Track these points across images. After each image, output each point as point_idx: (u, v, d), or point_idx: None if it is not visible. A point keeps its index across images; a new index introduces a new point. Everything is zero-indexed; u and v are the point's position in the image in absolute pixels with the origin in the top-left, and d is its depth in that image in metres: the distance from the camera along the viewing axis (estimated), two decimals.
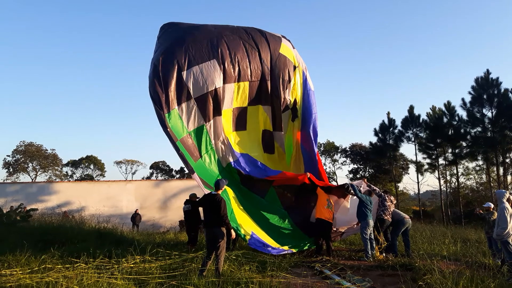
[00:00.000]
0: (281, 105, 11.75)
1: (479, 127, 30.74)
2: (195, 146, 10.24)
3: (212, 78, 10.19)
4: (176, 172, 70.19)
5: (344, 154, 51.51)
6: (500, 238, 8.31)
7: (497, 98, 29.20)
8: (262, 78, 11.29)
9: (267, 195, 11.32)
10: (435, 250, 10.45)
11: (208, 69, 10.17)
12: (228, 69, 10.51)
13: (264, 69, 11.26)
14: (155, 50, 10.73)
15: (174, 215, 25.20)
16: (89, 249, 8.69)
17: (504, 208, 8.32)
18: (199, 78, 10.02)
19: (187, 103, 9.97)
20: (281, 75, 11.56)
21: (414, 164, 36.49)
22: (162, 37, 11.05)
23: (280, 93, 11.58)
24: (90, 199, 25.09)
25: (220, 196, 7.48)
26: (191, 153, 9.95)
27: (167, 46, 10.20)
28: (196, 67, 10.01)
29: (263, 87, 11.37)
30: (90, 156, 67.53)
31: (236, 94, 10.96)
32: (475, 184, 34.85)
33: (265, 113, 11.69)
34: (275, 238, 10.07)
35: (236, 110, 11.25)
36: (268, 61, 11.37)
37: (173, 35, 10.72)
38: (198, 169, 9.93)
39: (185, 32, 10.76)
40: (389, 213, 10.46)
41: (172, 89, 9.65)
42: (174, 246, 10.45)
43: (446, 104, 33.07)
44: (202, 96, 10.15)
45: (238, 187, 11.04)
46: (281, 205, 11.31)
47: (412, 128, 35.47)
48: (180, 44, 10.19)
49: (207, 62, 10.18)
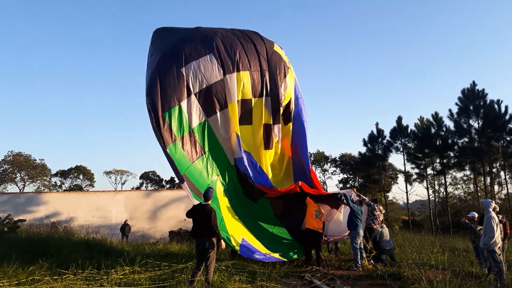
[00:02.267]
0: (280, 99, 11.45)
1: (466, 137, 31.20)
2: (197, 143, 10.09)
3: (210, 72, 10.12)
4: (166, 182, 69.73)
5: (334, 164, 51.72)
6: (487, 247, 8.41)
7: (483, 109, 29.73)
8: (261, 68, 11.06)
9: (260, 201, 11.30)
10: (423, 260, 10.55)
11: (206, 63, 10.13)
12: (225, 60, 10.40)
13: (261, 60, 11.08)
14: (149, 55, 10.78)
15: (164, 225, 25.03)
16: (77, 260, 8.62)
17: (491, 217, 8.44)
18: (197, 73, 9.98)
19: (188, 99, 9.85)
20: (277, 68, 11.36)
21: (402, 174, 36.83)
22: (156, 41, 11.06)
23: (278, 85, 11.35)
24: (79, 209, 24.81)
25: (210, 206, 7.48)
26: (189, 154, 9.83)
27: (164, 50, 10.20)
28: (193, 62, 10.00)
29: (264, 77, 11.13)
30: (80, 166, 66.82)
31: (239, 85, 10.67)
32: (463, 193, 35.21)
33: (266, 105, 11.34)
34: (266, 244, 10.04)
35: (241, 103, 10.89)
36: (264, 53, 11.23)
37: (168, 39, 10.76)
38: (195, 171, 9.82)
39: (179, 34, 10.84)
40: (378, 222, 10.57)
41: (172, 87, 9.58)
42: (164, 257, 10.38)
43: (434, 115, 33.61)
44: (202, 91, 10.05)
45: (234, 186, 10.93)
46: (273, 212, 11.30)
47: (400, 138, 35.84)
48: (175, 45, 10.25)
49: (204, 57, 10.17)
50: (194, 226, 7.50)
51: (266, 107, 11.22)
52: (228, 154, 10.81)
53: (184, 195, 28.18)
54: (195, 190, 9.48)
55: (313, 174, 11.87)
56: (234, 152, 10.80)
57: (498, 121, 28.79)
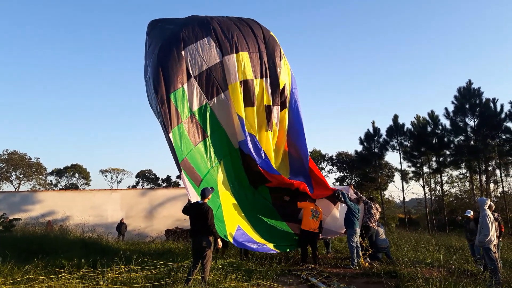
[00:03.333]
0: (278, 81, 11.28)
1: (462, 136, 31.35)
2: (199, 127, 10.05)
3: (209, 54, 10.09)
4: (163, 181, 69.67)
5: (331, 162, 51.75)
6: (482, 245, 8.45)
7: (479, 107, 29.86)
8: (259, 50, 10.99)
9: (260, 188, 11.26)
10: (419, 257, 10.59)
11: (204, 46, 10.10)
12: (223, 42, 10.36)
13: (259, 42, 11.02)
14: (148, 46, 10.80)
15: (160, 224, 25.02)
16: (73, 259, 8.59)
17: (486, 215, 8.47)
18: (196, 56, 9.96)
19: (188, 82, 9.83)
20: (275, 50, 11.28)
21: (399, 172, 36.93)
22: (152, 32, 11.05)
23: (276, 66, 11.24)
24: (74, 208, 24.74)
25: (207, 205, 7.47)
26: (192, 137, 9.83)
27: (164, 38, 10.21)
28: (191, 45, 9.99)
29: (262, 58, 11.01)
30: (75, 165, 66.64)
31: (239, 66, 10.55)
32: (459, 192, 35.36)
33: (266, 86, 11.18)
34: (261, 233, 10.02)
35: (243, 84, 10.70)
36: (261, 36, 11.17)
37: (165, 28, 10.77)
38: (197, 154, 9.80)
39: (175, 23, 10.87)
40: (374, 220, 10.61)
41: (174, 69, 9.58)
42: (160, 256, 10.37)
43: (430, 113, 33.71)
44: (202, 74, 10.01)
45: (238, 171, 10.88)
46: (271, 200, 11.25)
47: (396, 136, 35.93)
48: (173, 31, 10.29)
49: (202, 40, 10.16)
50: (191, 225, 7.50)
51: (266, 89, 11.10)
52: (232, 138, 10.71)
53: (180, 193, 28.19)
54: (194, 177, 9.42)
55: (312, 165, 11.55)
56: (237, 135, 10.67)
57: (494, 119, 28.93)
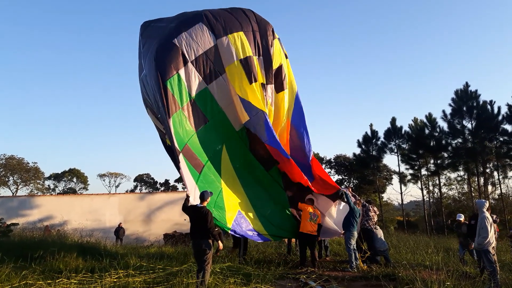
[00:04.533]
0: (271, 59, 11.09)
1: (459, 138, 31.43)
2: (200, 112, 10.00)
3: (203, 38, 10.06)
4: (161, 185, 69.60)
5: (329, 165, 51.81)
6: (481, 247, 8.44)
7: (476, 110, 29.97)
8: (252, 29, 10.92)
9: (272, 170, 11.02)
10: (418, 260, 10.58)
11: (197, 31, 10.10)
12: (215, 25, 10.34)
13: (251, 21, 10.96)
14: (141, 45, 10.83)
15: (158, 228, 24.94)
16: (71, 264, 8.56)
17: (485, 217, 8.47)
18: (190, 42, 9.93)
19: (185, 67, 9.76)
20: (267, 30, 11.18)
21: (397, 174, 36.98)
22: (145, 32, 11.07)
23: (269, 45, 11.10)
24: (72, 213, 24.69)
25: (206, 208, 7.50)
26: (193, 122, 9.79)
27: (159, 36, 10.21)
28: (184, 33, 9.99)
29: (256, 37, 10.93)
30: (73, 169, 66.55)
31: (236, 45, 10.41)
32: (457, 194, 35.40)
33: (260, 65, 10.93)
34: (262, 220, 10.04)
35: (244, 61, 10.46)
36: (253, 17, 11.16)
37: (158, 26, 10.82)
38: (198, 140, 9.77)
39: (167, 20, 10.91)
40: (373, 223, 10.59)
41: (167, 57, 9.57)
42: (159, 260, 10.33)
43: (428, 116, 33.84)
44: (198, 58, 9.96)
45: (243, 153, 10.77)
46: (282, 184, 11.01)
47: (394, 139, 36.00)
48: (166, 28, 10.35)
49: (194, 27, 10.16)
50: (191, 227, 7.56)
51: (260, 66, 10.93)
52: (233, 121, 10.57)
53: (178, 197, 28.16)
54: (196, 163, 9.42)
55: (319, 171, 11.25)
56: (240, 117, 10.51)
57: (491, 121, 29.03)
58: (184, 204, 7.90)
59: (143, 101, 11.46)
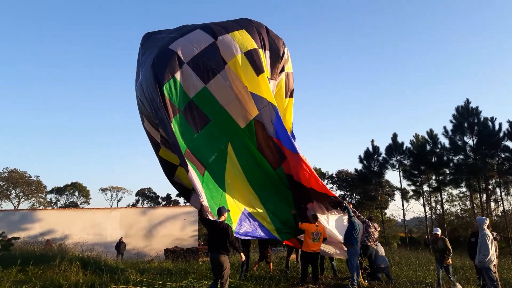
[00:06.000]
0: (279, 54, 10.95)
1: (461, 154, 31.46)
2: (201, 113, 9.81)
3: (199, 40, 9.90)
4: (162, 199, 69.45)
5: (331, 180, 51.72)
6: (482, 265, 8.44)
7: (477, 126, 30.04)
8: (256, 27, 10.73)
9: (278, 169, 10.60)
10: (419, 277, 10.53)
11: (194, 35, 10.00)
12: (215, 28, 10.17)
13: (253, 23, 10.80)
14: (141, 55, 10.87)
15: (159, 243, 24.90)
16: (71, 278, 8.57)
17: (485, 234, 8.49)
18: (187, 44, 9.82)
19: (181, 70, 9.57)
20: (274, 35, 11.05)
21: (399, 190, 36.86)
22: (146, 42, 11.14)
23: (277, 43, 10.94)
24: (73, 227, 24.68)
25: (225, 223, 7.71)
26: (193, 125, 9.68)
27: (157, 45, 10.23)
28: (180, 39, 9.92)
29: (261, 32, 10.73)
30: (75, 183, 66.58)
31: (239, 40, 10.12)
32: (460, 210, 35.24)
33: (266, 58, 10.71)
34: (270, 216, 9.99)
35: (248, 54, 10.12)
36: (256, 23, 10.93)
37: (159, 37, 10.86)
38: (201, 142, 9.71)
39: (167, 31, 10.98)
40: (373, 239, 10.54)
41: (163, 63, 9.49)
42: (159, 276, 10.32)
43: (429, 132, 33.90)
44: (195, 58, 9.73)
45: (251, 151, 10.43)
46: (287, 183, 10.60)
47: (396, 155, 36.01)
48: (165, 38, 10.36)
49: (193, 32, 10.11)
50: (209, 241, 7.80)
51: (266, 60, 10.70)
52: (237, 117, 10.22)
53: (180, 212, 28.18)
54: (197, 166, 9.39)
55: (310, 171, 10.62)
56: (248, 112, 10.15)
57: (492, 138, 29.07)
58: (201, 215, 8.08)
59: (138, 108, 11.37)
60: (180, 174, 11.26)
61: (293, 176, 10.36)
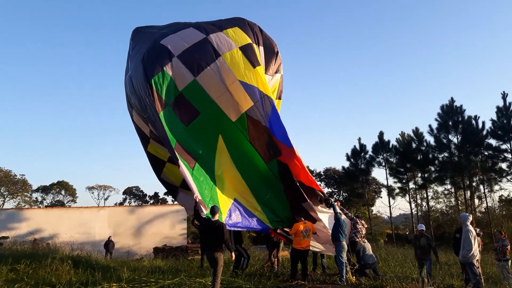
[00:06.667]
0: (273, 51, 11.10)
1: (446, 152, 31.98)
2: (190, 105, 9.77)
3: (191, 36, 9.92)
4: (150, 198, 69.17)
5: (319, 178, 52.16)
6: (466, 260, 8.72)
7: (461, 124, 30.54)
8: (249, 25, 10.81)
9: (271, 163, 10.43)
10: (406, 273, 10.79)
11: (185, 32, 10.03)
12: (208, 26, 10.20)
13: (246, 21, 10.91)
14: (131, 49, 10.90)
15: (148, 241, 24.85)
16: (63, 277, 8.62)
17: (469, 231, 8.77)
18: (177, 40, 9.83)
19: (171, 63, 9.54)
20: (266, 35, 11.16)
21: (385, 188, 37.36)
22: (136, 36, 11.18)
23: (271, 41, 11.06)
24: (61, 226, 24.46)
25: (220, 222, 7.96)
26: (182, 118, 9.67)
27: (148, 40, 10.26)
28: (172, 35, 9.96)
29: (254, 29, 10.84)
30: (62, 182, 65.91)
31: (233, 36, 10.16)
32: (445, 207, 35.84)
33: (261, 53, 10.73)
34: (262, 207, 10.13)
35: (244, 48, 10.15)
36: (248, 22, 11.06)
37: (149, 31, 10.93)
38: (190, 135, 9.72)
39: (159, 27, 11.03)
40: (361, 236, 10.77)
41: (153, 57, 9.52)
42: (150, 274, 10.41)
43: (415, 130, 34.37)
44: (185, 52, 9.70)
45: (243, 144, 10.28)
46: (279, 177, 10.46)
47: (382, 153, 36.47)
48: (156, 33, 10.41)
49: (184, 30, 10.14)
50: (204, 240, 8.13)
51: (260, 55, 10.75)
52: (228, 111, 10.08)
53: (168, 210, 28.11)
54: (187, 159, 9.40)
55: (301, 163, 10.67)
56: (241, 104, 10.02)
57: (476, 136, 29.58)
58: (196, 212, 8.32)
59: (127, 101, 11.34)
60: (167, 171, 11.30)
61: (288, 166, 10.28)
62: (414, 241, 10.42)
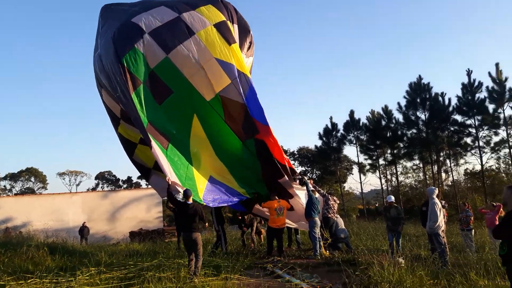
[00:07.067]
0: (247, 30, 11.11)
1: (414, 128, 32.87)
2: (163, 84, 9.57)
3: (163, 14, 9.68)
4: (123, 182, 68.45)
5: (293, 157, 52.72)
6: (432, 231, 9.18)
7: (429, 101, 31.35)
8: (224, 4, 10.68)
9: (247, 142, 10.39)
10: (377, 246, 11.26)
11: (157, 11, 9.78)
12: (180, 6, 9.97)
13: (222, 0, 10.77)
14: (101, 26, 10.63)
15: (123, 226, 24.82)
16: (41, 264, 8.61)
17: (435, 203, 9.21)
18: (149, 17, 9.57)
19: (142, 40, 9.28)
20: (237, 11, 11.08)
21: (356, 165, 38.28)
22: (105, 13, 10.87)
23: (244, 22, 11.06)
24: (33, 213, 24.08)
25: (196, 204, 8.11)
26: (156, 96, 9.50)
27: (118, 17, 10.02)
28: (144, 13, 9.69)
29: (228, 7, 10.70)
30: (31, 168, 64.26)
31: (206, 14, 9.99)
32: (414, 182, 37.03)
33: (235, 31, 10.62)
34: (238, 182, 10.26)
35: (218, 25, 9.96)
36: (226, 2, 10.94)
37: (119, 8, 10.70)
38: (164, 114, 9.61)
39: (129, 4, 10.80)
40: (333, 211, 11.15)
41: (123, 35, 9.26)
42: (129, 257, 10.50)
43: (384, 108, 35.08)
44: (157, 29, 9.45)
45: (218, 123, 10.20)
46: (256, 155, 10.45)
47: (353, 131, 37.19)
48: (126, 10, 10.20)
49: (156, 8, 9.89)
50: (180, 222, 8.26)
51: (235, 32, 10.63)
52: (202, 90, 9.88)
53: (142, 194, 28.02)
54: (160, 140, 9.30)
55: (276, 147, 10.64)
56: (217, 82, 9.84)
57: (443, 112, 30.44)
58: (170, 194, 8.39)
59: (96, 81, 11.10)
60: (139, 152, 11.19)
61: (266, 142, 10.28)
62: (384, 212, 10.79)
